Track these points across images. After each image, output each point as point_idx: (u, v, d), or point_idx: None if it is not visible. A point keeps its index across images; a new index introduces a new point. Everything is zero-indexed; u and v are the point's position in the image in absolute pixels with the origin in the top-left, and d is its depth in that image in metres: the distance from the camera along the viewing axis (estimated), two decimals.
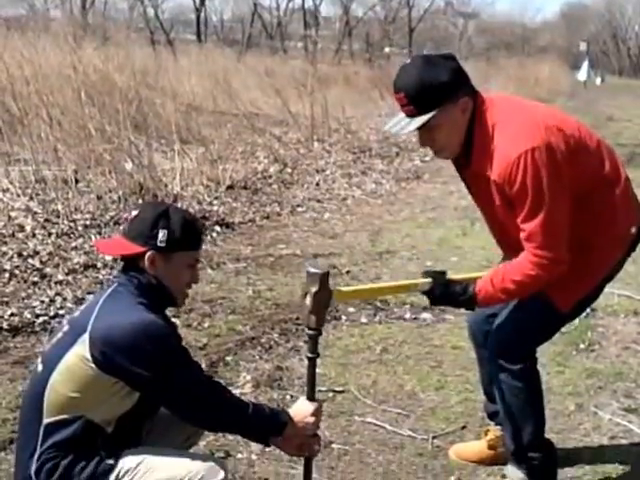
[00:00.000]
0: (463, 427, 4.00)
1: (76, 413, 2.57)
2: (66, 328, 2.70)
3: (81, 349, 2.54)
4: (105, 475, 2.57)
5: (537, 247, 2.91)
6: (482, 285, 3.04)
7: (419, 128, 2.94)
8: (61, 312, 5.44)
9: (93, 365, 2.53)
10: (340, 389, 4.39)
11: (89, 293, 5.68)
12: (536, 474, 3.26)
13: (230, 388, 4.31)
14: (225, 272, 6.52)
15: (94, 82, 10.19)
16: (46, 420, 2.58)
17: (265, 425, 2.72)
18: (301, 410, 2.82)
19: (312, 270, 2.87)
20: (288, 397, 4.25)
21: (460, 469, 3.61)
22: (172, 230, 2.68)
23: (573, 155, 2.94)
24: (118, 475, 2.58)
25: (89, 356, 2.53)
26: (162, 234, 2.67)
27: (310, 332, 2.89)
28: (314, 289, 2.83)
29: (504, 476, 3.35)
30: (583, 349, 4.96)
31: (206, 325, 5.30)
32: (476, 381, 3.71)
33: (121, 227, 6.81)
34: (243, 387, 4.40)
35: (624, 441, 3.91)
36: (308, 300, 2.85)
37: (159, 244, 2.67)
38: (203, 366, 4.58)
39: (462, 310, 5.16)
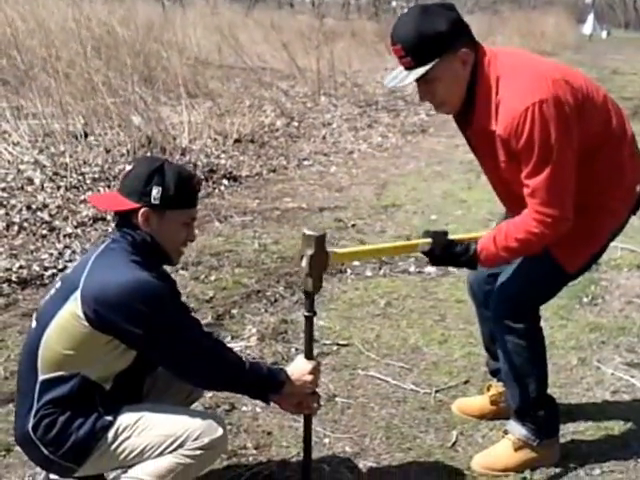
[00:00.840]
0: (466, 381, 3.93)
1: (72, 370, 2.52)
2: (58, 285, 2.64)
3: (73, 307, 2.48)
4: (104, 431, 2.53)
5: (541, 204, 2.77)
6: (484, 244, 2.92)
7: (417, 80, 2.79)
8: (70, 265, 5.39)
9: (86, 323, 2.46)
10: (344, 342, 4.33)
11: None
12: (539, 430, 3.18)
13: (235, 341, 4.34)
14: (232, 225, 6.45)
15: (100, 36, 10.02)
16: (41, 377, 2.54)
17: (262, 384, 2.67)
18: (299, 368, 2.76)
19: (308, 232, 2.75)
20: (293, 350, 4.19)
21: (462, 423, 3.56)
22: (166, 187, 2.59)
23: (581, 109, 2.80)
24: (117, 431, 2.53)
25: (81, 314, 2.46)
26: (156, 191, 2.58)
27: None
28: (310, 252, 2.71)
29: (506, 432, 3.29)
30: (586, 303, 4.88)
31: (213, 278, 5.24)
32: (479, 335, 3.64)
33: None
34: (248, 340, 4.35)
35: (626, 396, 3.84)
36: (304, 263, 2.73)
37: (153, 201, 2.58)
38: (209, 319, 4.56)
39: None
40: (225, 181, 7.77)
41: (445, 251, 2.96)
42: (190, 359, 2.55)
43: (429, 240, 2.97)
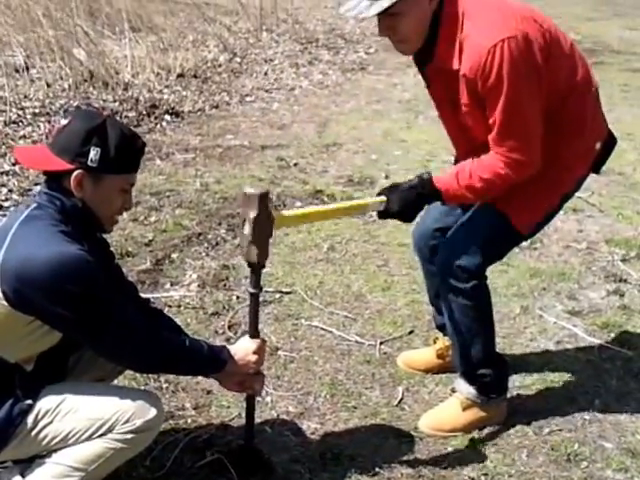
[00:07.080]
0: (410, 332, 3.57)
1: None
2: None
3: None
4: (22, 416, 2.11)
5: (509, 146, 2.43)
6: (446, 183, 2.55)
7: (380, 14, 2.36)
8: (6, 204, 4.92)
9: (4, 302, 2.01)
10: (287, 290, 3.92)
11: (36, 184, 5.11)
12: (487, 389, 2.85)
13: (175, 288, 3.91)
14: (174, 163, 5.94)
15: None
16: None
17: (203, 365, 2.28)
18: (243, 347, 2.37)
19: (248, 191, 2.25)
20: (234, 299, 3.79)
21: (408, 378, 3.21)
22: (107, 149, 2.10)
23: (549, 53, 2.42)
24: (37, 416, 2.12)
25: (0, 293, 2.01)
26: (94, 152, 2.09)
27: (252, 267, 2.33)
28: (253, 214, 2.23)
29: (454, 390, 2.95)
30: (526, 247, 4.48)
31: (153, 219, 4.77)
32: (423, 281, 3.26)
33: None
34: (188, 287, 3.92)
35: (569, 346, 3.52)
36: (247, 228, 2.25)
37: (90, 164, 2.09)
38: (147, 264, 4.13)
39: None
40: (167, 117, 7.19)
41: (401, 195, 2.55)
42: (123, 342, 2.13)
43: (382, 198, 2.57)
